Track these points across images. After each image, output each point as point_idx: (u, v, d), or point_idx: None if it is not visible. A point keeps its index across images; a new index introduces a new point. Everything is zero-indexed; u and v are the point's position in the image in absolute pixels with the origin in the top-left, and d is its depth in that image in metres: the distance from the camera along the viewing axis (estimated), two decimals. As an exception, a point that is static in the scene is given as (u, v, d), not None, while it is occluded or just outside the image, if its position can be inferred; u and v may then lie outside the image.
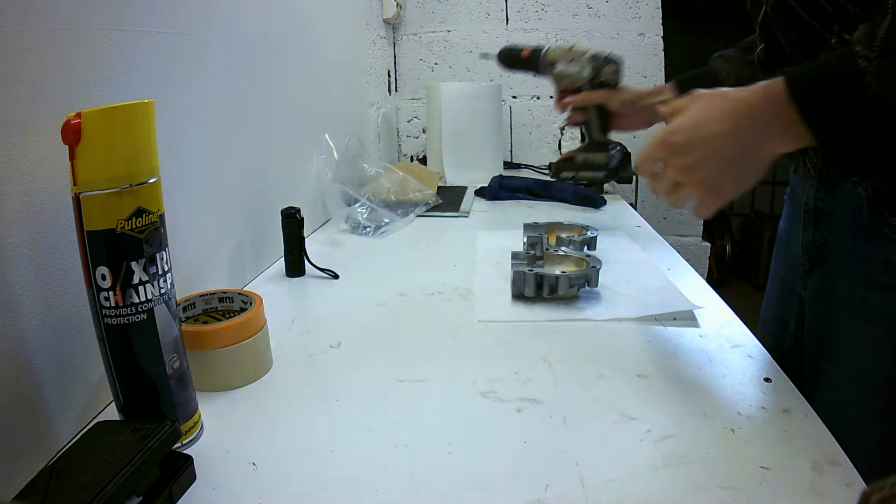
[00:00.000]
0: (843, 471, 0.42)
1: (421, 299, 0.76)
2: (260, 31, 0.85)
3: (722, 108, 0.54)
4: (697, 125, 0.54)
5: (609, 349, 0.61)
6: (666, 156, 0.56)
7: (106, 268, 0.40)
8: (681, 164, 0.55)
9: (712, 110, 0.54)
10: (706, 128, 0.54)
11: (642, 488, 0.41)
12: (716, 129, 0.53)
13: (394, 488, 0.42)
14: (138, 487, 0.37)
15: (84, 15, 0.49)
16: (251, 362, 0.56)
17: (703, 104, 0.55)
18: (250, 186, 0.84)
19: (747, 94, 0.53)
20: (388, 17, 1.68)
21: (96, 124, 0.38)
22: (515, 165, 1.77)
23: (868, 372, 0.61)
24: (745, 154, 0.53)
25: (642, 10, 1.74)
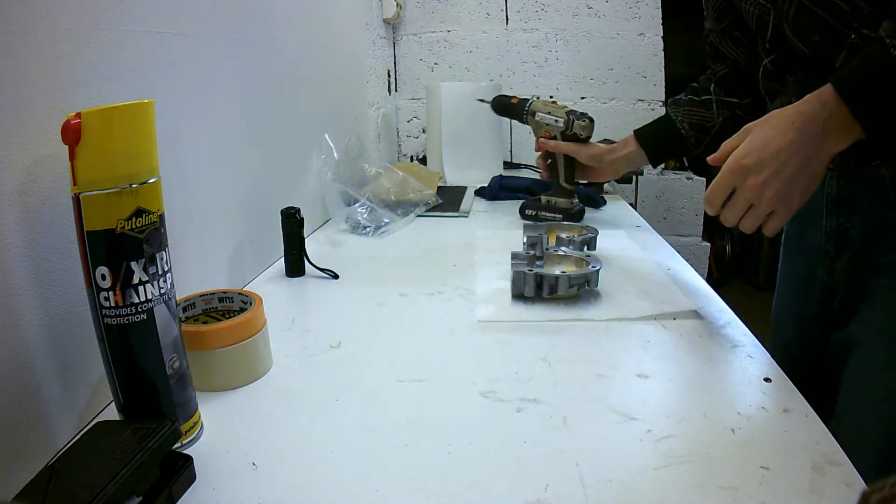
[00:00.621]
0: (843, 471, 0.42)
1: (421, 299, 0.76)
2: (260, 31, 0.85)
3: (782, 123, 0.59)
4: (765, 144, 0.59)
5: (609, 349, 0.61)
6: (739, 180, 0.60)
7: (106, 268, 0.40)
8: (755, 182, 0.59)
9: (774, 128, 0.59)
10: (774, 143, 0.58)
11: (642, 488, 0.41)
12: (782, 142, 0.58)
13: (394, 488, 0.42)
14: (138, 487, 0.37)
15: (84, 15, 0.49)
16: (251, 362, 0.56)
17: (761, 127, 0.60)
18: (250, 186, 0.84)
19: (802, 105, 0.58)
20: (388, 17, 1.68)
21: (96, 124, 0.38)
22: (515, 165, 1.77)
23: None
24: (809, 160, 0.58)
25: (642, 10, 1.74)
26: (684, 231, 1.90)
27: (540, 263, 0.77)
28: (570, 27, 1.76)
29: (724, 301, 0.73)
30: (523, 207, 1.16)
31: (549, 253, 0.81)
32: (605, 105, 1.81)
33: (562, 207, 1.11)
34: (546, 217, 1.12)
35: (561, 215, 1.10)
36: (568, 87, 1.81)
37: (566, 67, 1.79)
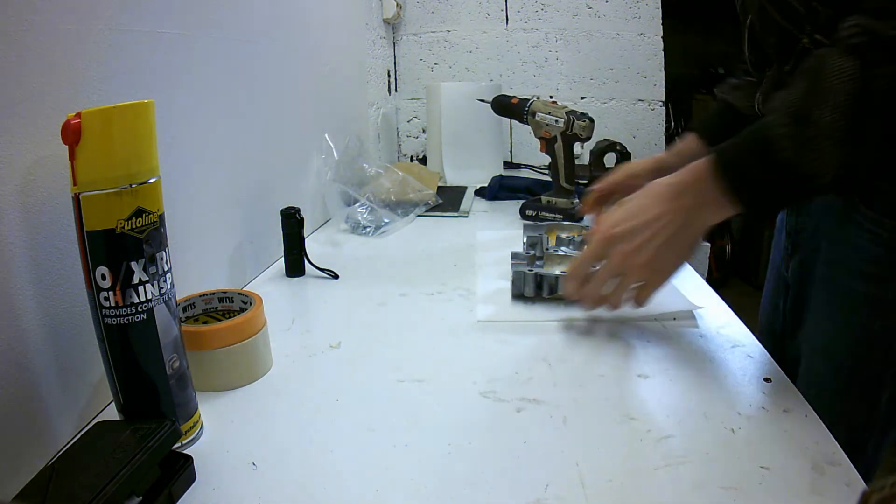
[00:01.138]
0: (843, 471, 0.42)
1: (421, 299, 0.76)
2: (260, 31, 0.85)
3: (656, 193, 0.59)
4: (637, 213, 0.59)
5: (609, 349, 0.61)
6: (608, 248, 0.59)
7: (106, 268, 0.40)
8: (623, 250, 0.58)
9: (648, 198, 0.59)
10: (646, 212, 0.58)
11: (642, 488, 0.41)
12: (655, 212, 0.58)
13: (394, 488, 0.42)
14: (138, 487, 0.37)
15: (84, 15, 0.49)
16: (251, 362, 0.56)
17: (637, 197, 0.60)
18: (250, 187, 0.84)
19: (680, 175, 0.58)
20: (388, 17, 1.68)
21: (96, 124, 0.38)
22: (515, 165, 1.77)
23: (833, 350, 0.65)
24: (683, 230, 0.57)
25: (642, 10, 1.74)
26: (684, 231, 1.89)
27: (540, 263, 0.77)
28: (570, 27, 1.76)
29: (724, 301, 0.73)
30: (523, 207, 1.16)
31: (549, 253, 0.81)
32: (605, 105, 1.81)
33: (562, 207, 1.12)
34: (546, 217, 1.12)
35: (561, 215, 1.10)
36: (568, 87, 1.80)
37: (566, 67, 1.79)
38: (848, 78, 0.49)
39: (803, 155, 0.51)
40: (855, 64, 0.49)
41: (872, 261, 0.60)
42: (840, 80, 0.49)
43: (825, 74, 0.50)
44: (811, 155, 0.50)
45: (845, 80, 0.49)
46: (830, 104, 0.49)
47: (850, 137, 0.49)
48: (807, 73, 0.52)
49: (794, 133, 0.51)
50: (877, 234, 0.59)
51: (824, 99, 0.50)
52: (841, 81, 0.49)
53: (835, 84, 0.49)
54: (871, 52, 0.48)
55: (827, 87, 0.50)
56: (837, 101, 0.49)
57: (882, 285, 0.60)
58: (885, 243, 0.59)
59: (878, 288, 0.60)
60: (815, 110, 0.50)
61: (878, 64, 0.48)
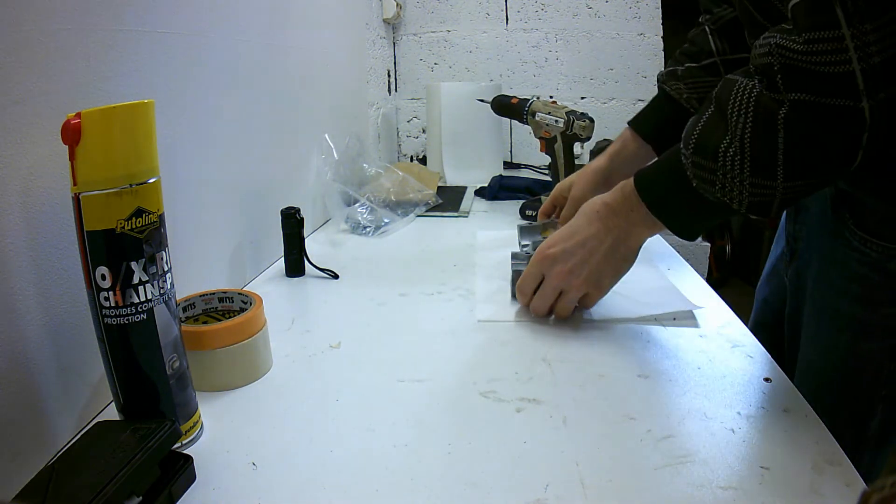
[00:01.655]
0: (843, 471, 0.42)
1: (421, 299, 0.76)
2: (260, 31, 0.85)
3: (589, 214, 0.62)
4: (571, 234, 0.63)
5: (609, 349, 0.61)
6: (546, 268, 0.63)
7: (106, 268, 0.40)
8: (561, 270, 0.62)
9: (581, 219, 0.63)
10: (580, 233, 0.62)
11: (642, 488, 0.41)
12: (588, 232, 0.61)
13: (394, 488, 0.42)
14: (138, 487, 0.37)
15: (84, 15, 0.49)
16: (251, 362, 0.56)
17: (575, 217, 0.64)
18: (250, 186, 0.84)
19: (610, 195, 0.61)
20: (388, 17, 1.68)
21: (96, 124, 0.38)
22: (515, 165, 1.77)
23: (821, 367, 0.64)
24: (616, 247, 0.61)
25: (642, 10, 1.74)
26: (684, 231, 1.89)
27: None
28: (570, 27, 1.76)
29: (724, 301, 0.73)
30: (523, 207, 1.16)
31: None
32: (605, 105, 1.81)
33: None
34: None
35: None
36: (568, 87, 1.80)
37: (566, 67, 1.79)
38: (750, 105, 0.45)
39: (709, 186, 0.50)
40: (757, 88, 0.45)
41: (860, 281, 0.58)
42: (742, 107, 0.46)
43: (730, 100, 0.47)
44: (716, 186, 0.49)
45: (747, 108, 0.46)
46: (730, 134, 0.47)
47: (755, 168, 0.46)
48: (714, 98, 0.49)
49: (699, 163, 0.50)
50: (865, 253, 0.57)
51: (726, 128, 0.47)
52: (743, 109, 0.46)
53: (736, 111, 0.46)
54: (777, 74, 0.43)
55: (729, 115, 0.47)
56: (737, 131, 0.46)
57: (868, 307, 0.58)
58: (872, 263, 0.56)
59: (864, 310, 0.58)
60: (718, 141, 0.48)
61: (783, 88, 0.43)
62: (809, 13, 0.41)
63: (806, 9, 0.41)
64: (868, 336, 0.59)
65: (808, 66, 0.41)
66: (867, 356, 0.59)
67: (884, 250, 0.55)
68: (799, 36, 0.42)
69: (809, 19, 0.41)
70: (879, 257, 0.55)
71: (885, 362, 0.58)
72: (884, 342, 0.58)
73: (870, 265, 0.57)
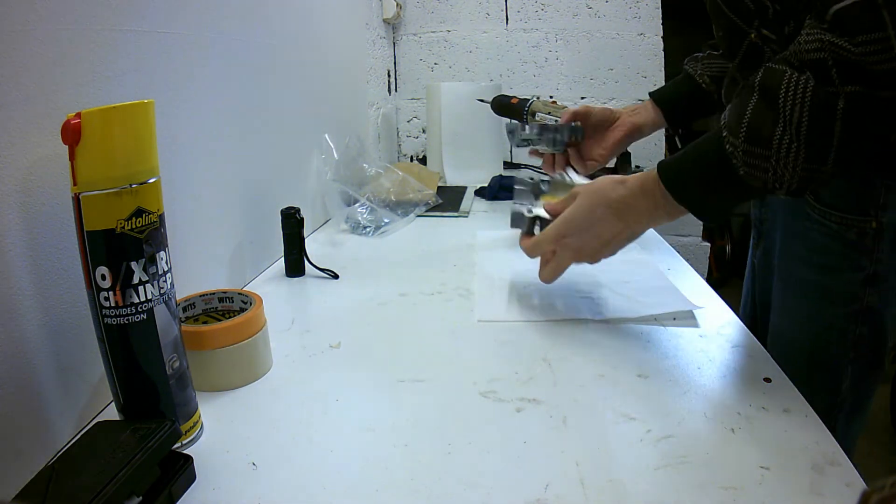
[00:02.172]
0: (843, 471, 0.42)
1: (421, 299, 0.76)
2: (260, 31, 0.85)
3: (606, 213, 0.60)
4: (589, 226, 0.62)
5: (609, 349, 0.61)
6: (561, 250, 0.64)
7: (106, 268, 0.40)
8: (576, 256, 0.64)
9: (597, 215, 0.61)
10: (598, 229, 0.61)
11: (642, 488, 0.41)
12: (606, 228, 0.61)
13: (394, 488, 0.42)
14: (138, 487, 0.37)
15: (84, 15, 0.49)
16: (251, 362, 0.56)
17: (587, 208, 0.62)
18: (250, 186, 0.84)
19: (626, 194, 0.59)
20: (388, 17, 1.68)
21: (96, 124, 0.38)
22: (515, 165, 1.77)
23: (790, 335, 0.68)
24: (633, 234, 0.62)
25: (642, 10, 1.74)
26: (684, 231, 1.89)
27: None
28: (570, 27, 1.76)
29: (724, 301, 0.73)
30: None
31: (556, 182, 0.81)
32: (605, 105, 1.81)
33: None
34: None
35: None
36: (568, 87, 1.80)
37: (566, 67, 1.79)
38: (806, 97, 0.47)
39: (760, 173, 0.50)
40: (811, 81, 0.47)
41: (822, 251, 0.63)
42: (797, 98, 0.48)
43: (780, 90, 0.48)
44: (769, 173, 0.50)
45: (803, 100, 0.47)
46: (783, 122, 0.48)
47: (810, 155, 0.48)
48: (758, 87, 0.50)
49: (751, 151, 0.50)
50: (825, 225, 0.62)
51: (778, 117, 0.48)
52: (798, 100, 0.47)
53: (790, 102, 0.48)
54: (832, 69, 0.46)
55: (782, 105, 0.48)
56: (792, 120, 0.48)
57: (832, 274, 0.63)
58: (832, 234, 0.61)
59: (826, 277, 0.63)
60: (771, 129, 0.49)
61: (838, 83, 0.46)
62: (859, 16, 0.44)
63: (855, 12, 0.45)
64: (832, 301, 0.63)
65: (863, 63, 0.45)
66: (832, 321, 0.64)
67: (842, 220, 0.60)
68: (852, 38, 0.45)
69: (859, 22, 0.44)
70: (839, 228, 0.61)
71: (850, 327, 0.63)
72: (847, 307, 0.62)
73: (830, 235, 0.62)
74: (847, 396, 0.65)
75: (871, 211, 0.60)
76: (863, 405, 0.67)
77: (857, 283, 0.61)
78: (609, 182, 0.61)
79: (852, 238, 0.60)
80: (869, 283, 0.62)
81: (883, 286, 0.62)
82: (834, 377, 0.65)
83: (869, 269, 0.61)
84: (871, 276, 0.61)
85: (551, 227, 0.65)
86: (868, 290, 0.62)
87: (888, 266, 0.61)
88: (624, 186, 0.60)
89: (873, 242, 0.60)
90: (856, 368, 0.64)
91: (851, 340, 0.63)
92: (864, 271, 0.61)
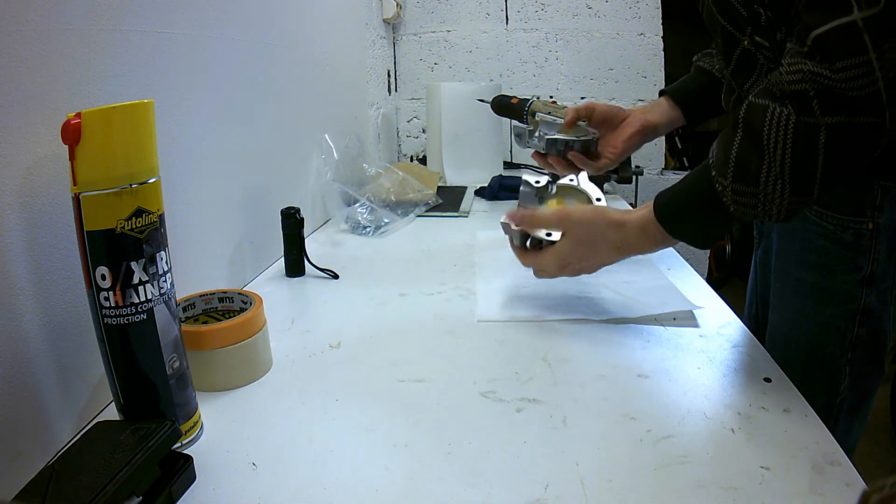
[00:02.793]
0: (843, 471, 0.42)
1: (421, 299, 0.76)
2: (260, 31, 0.85)
3: (609, 249, 0.63)
4: (588, 256, 0.64)
5: (609, 349, 0.61)
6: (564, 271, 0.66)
7: (106, 268, 0.40)
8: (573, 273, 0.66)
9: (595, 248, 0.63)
10: (595, 258, 0.64)
11: (642, 488, 0.41)
12: (605, 258, 0.64)
13: (394, 488, 0.42)
14: (138, 487, 0.37)
15: (84, 15, 0.49)
16: (251, 362, 0.56)
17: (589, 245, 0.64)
18: (250, 186, 0.84)
19: (627, 235, 0.61)
20: (388, 17, 1.68)
21: (96, 124, 0.38)
22: (515, 165, 1.77)
23: (789, 335, 0.68)
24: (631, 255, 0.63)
25: (642, 10, 1.74)
26: (684, 231, 1.89)
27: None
28: (570, 27, 1.76)
29: (724, 301, 0.73)
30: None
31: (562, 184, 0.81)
32: (605, 105, 1.81)
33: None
34: None
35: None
36: (568, 87, 1.80)
37: (566, 67, 1.79)
38: (788, 132, 0.48)
39: (749, 210, 0.52)
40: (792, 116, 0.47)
41: (819, 252, 0.63)
42: (780, 134, 0.48)
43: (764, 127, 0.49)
44: (757, 208, 0.51)
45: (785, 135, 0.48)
46: (768, 159, 0.49)
47: (794, 188, 0.49)
48: (742, 124, 0.51)
49: (739, 189, 0.51)
50: (822, 226, 0.62)
51: (763, 154, 0.49)
52: (781, 135, 0.48)
53: (773, 138, 0.48)
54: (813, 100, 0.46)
55: (766, 142, 0.49)
56: (776, 157, 0.49)
57: (829, 275, 0.63)
58: (828, 235, 0.62)
59: (825, 278, 0.63)
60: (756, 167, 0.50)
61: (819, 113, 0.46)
62: (839, 41, 0.44)
63: (836, 37, 0.44)
64: (829, 302, 0.64)
65: (843, 91, 0.45)
66: (830, 322, 0.64)
67: (838, 222, 0.61)
68: (832, 64, 0.44)
69: (840, 47, 0.44)
70: (835, 229, 0.61)
71: (848, 327, 0.63)
72: (844, 307, 0.63)
73: (826, 237, 0.62)
74: (846, 396, 0.65)
75: (868, 212, 0.60)
76: (863, 406, 0.67)
77: (855, 283, 0.62)
78: (606, 223, 0.63)
79: (849, 239, 0.61)
80: (866, 283, 0.62)
81: (880, 287, 0.62)
82: (832, 377, 0.65)
83: (866, 270, 0.62)
84: (869, 276, 0.62)
85: (553, 257, 0.66)
86: (865, 291, 0.62)
87: (885, 267, 0.61)
88: (623, 231, 0.61)
89: (870, 243, 0.61)
90: (854, 369, 0.64)
91: (850, 341, 0.63)
92: (862, 272, 0.61)
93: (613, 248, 0.62)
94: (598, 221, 0.63)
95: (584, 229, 0.63)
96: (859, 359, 0.64)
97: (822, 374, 0.65)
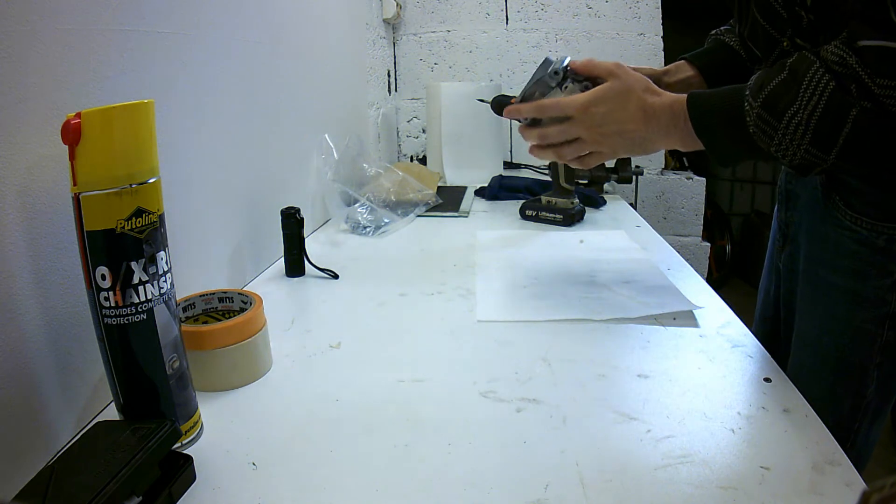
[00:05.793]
0: (843, 471, 0.42)
1: (421, 299, 0.76)
2: (260, 31, 0.85)
3: (635, 111, 0.64)
4: (615, 109, 0.64)
5: (609, 349, 0.61)
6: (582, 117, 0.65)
7: (106, 268, 0.40)
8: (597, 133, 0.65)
9: (627, 108, 0.64)
10: (622, 119, 0.64)
11: (642, 488, 0.41)
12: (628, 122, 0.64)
13: (394, 488, 0.42)
14: (138, 487, 0.37)
15: (84, 15, 0.49)
16: (251, 362, 0.56)
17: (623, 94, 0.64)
18: (250, 186, 0.84)
19: (658, 104, 0.63)
20: (388, 17, 1.68)
21: (96, 124, 0.38)
22: (515, 165, 1.77)
23: (818, 340, 0.67)
24: (645, 142, 0.65)
25: (642, 10, 1.74)
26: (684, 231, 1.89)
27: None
28: (570, 27, 1.76)
29: (724, 301, 0.73)
30: (523, 207, 1.16)
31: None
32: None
33: (562, 208, 1.12)
34: (546, 217, 1.12)
35: (561, 216, 1.10)
36: (568, 87, 1.80)
37: (566, 67, 1.79)
38: (826, 92, 0.50)
39: (766, 138, 0.54)
40: (833, 83, 0.50)
41: (852, 256, 0.63)
42: (818, 90, 0.51)
43: (806, 76, 0.51)
44: (773, 140, 0.54)
45: (822, 93, 0.51)
46: (799, 104, 0.51)
47: (815, 140, 0.51)
48: (788, 67, 0.53)
49: (763, 116, 0.54)
50: (855, 231, 0.62)
51: (796, 97, 0.52)
52: (818, 92, 0.51)
53: (811, 90, 0.51)
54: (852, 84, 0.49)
55: (803, 89, 0.51)
56: (808, 105, 0.51)
57: (862, 280, 0.62)
58: (863, 241, 0.62)
59: (857, 282, 0.63)
60: (786, 105, 0.52)
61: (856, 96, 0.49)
62: (883, 61, 0.48)
63: (880, 57, 0.48)
64: (862, 306, 0.63)
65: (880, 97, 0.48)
66: (861, 326, 0.63)
67: (873, 227, 0.61)
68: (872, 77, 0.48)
69: (882, 67, 0.48)
70: (869, 234, 0.61)
71: (878, 331, 0.63)
72: (876, 311, 0.62)
73: (860, 241, 0.62)
74: (872, 400, 0.65)
75: None
76: (885, 409, 0.66)
77: (886, 288, 0.61)
78: (644, 85, 0.64)
79: (882, 244, 0.61)
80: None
81: None
82: (861, 381, 0.65)
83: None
84: None
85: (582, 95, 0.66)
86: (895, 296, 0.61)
87: None
88: (657, 97, 0.63)
89: None
90: (881, 373, 0.64)
91: (879, 345, 0.63)
92: (893, 276, 0.61)
93: (640, 110, 0.63)
94: (639, 83, 0.64)
95: (624, 83, 0.64)
96: (887, 362, 0.63)
97: (850, 378, 0.65)
